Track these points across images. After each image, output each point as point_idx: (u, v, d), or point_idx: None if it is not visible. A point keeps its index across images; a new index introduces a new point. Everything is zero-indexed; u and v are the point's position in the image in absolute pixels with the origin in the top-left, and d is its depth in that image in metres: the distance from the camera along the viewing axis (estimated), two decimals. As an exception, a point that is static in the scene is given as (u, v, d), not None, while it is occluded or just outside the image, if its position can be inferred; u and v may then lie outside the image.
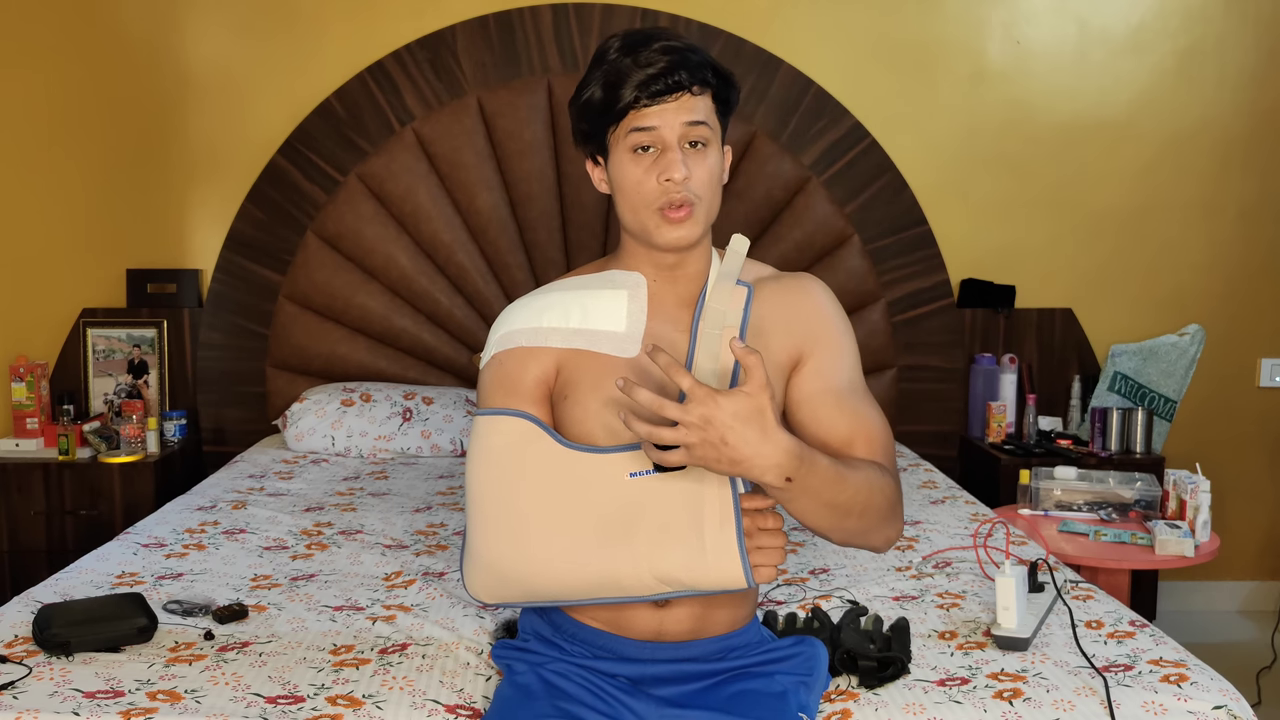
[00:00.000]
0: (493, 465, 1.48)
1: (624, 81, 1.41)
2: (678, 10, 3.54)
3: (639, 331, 1.50)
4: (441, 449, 3.32)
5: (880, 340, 3.59)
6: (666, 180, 1.42)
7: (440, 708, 1.60)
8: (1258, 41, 3.61)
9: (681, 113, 1.42)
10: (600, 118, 1.45)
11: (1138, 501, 2.86)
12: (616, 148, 1.46)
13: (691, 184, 1.43)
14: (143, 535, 2.45)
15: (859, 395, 1.54)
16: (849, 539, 1.46)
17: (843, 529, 1.42)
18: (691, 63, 1.42)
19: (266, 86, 3.56)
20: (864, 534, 1.45)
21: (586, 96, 1.46)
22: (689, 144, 1.44)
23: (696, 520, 1.40)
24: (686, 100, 1.42)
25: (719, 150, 1.48)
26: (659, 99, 1.41)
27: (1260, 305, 3.71)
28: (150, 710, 1.57)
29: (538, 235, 3.58)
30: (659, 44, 1.42)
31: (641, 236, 1.49)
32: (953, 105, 3.63)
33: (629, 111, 1.43)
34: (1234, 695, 1.64)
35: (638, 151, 1.44)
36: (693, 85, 1.42)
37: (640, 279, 1.53)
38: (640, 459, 1.42)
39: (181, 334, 3.58)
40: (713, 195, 1.47)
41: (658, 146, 1.43)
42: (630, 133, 1.43)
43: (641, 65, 1.41)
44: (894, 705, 1.61)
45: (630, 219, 1.48)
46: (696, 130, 1.43)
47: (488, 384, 1.53)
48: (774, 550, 1.40)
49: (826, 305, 1.57)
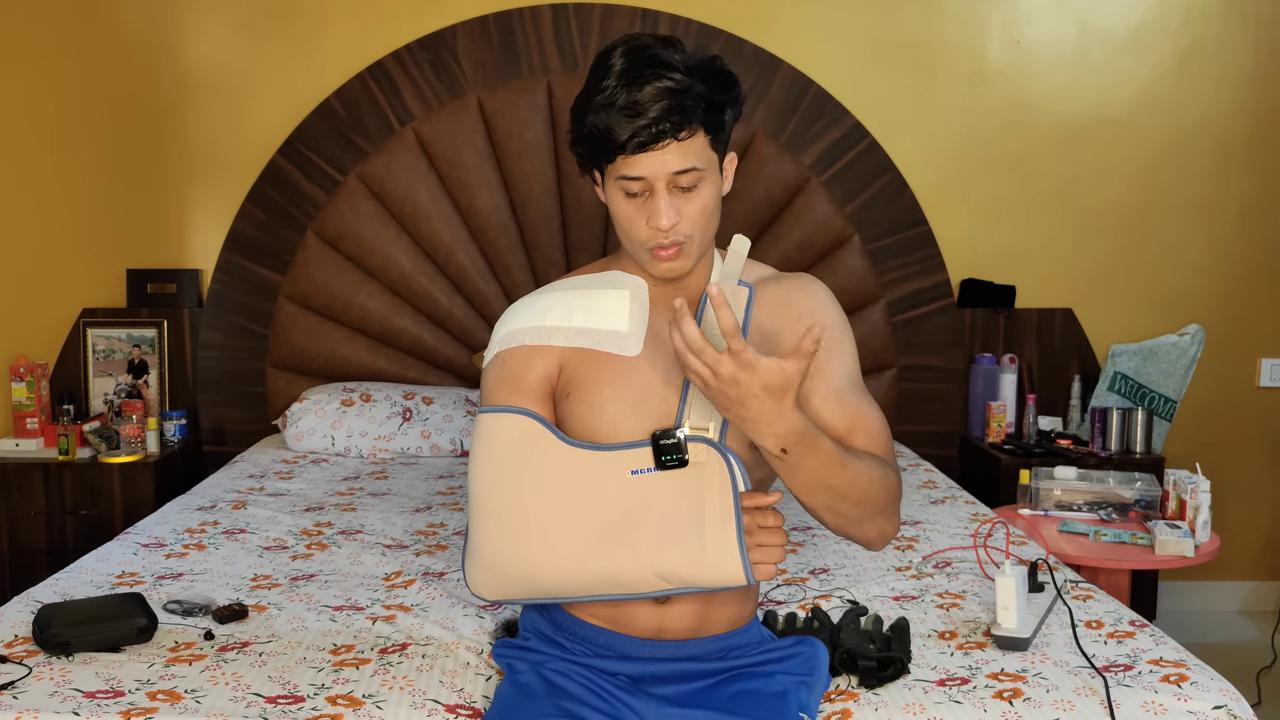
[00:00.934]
0: (495, 462, 1.48)
1: (613, 131, 1.40)
2: (678, 10, 3.54)
3: (641, 331, 1.51)
4: (441, 449, 3.32)
5: (880, 340, 3.59)
6: (654, 226, 1.43)
7: (440, 707, 1.60)
8: (1258, 41, 3.61)
9: (670, 163, 1.41)
10: (593, 153, 1.45)
11: (1138, 501, 2.86)
12: (609, 180, 1.46)
13: (681, 226, 1.44)
14: (143, 535, 2.45)
15: (858, 392, 1.55)
16: (843, 524, 1.46)
17: (836, 511, 1.43)
18: (684, 107, 1.39)
19: (266, 86, 3.57)
20: (858, 522, 1.45)
21: (582, 130, 1.45)
22: (679, 187, 1.43)
23: (697, 517, 1.41)
24: (674, 148, 1.40)
25: (714, 179, 1.47)
26: (647, 149, 1.40)
27: (1260, 305, 3.71)
28: (150, 710, 1.57)
29: (538, 235, 3.58)
30: (652, 87, 1.39)
31: (638, 263, 1.52)
32: (953, 105, 3.63)
33: (618, 157, 1.42)
34: (1234, 695, 1.64)
35: (629, 195, 1.45)
36: (679, 133, 1.40)
37: (641, 283, 1.55)
38: (642, 456, 1.43)
39: (181, 334, 3.58)
40: (705, 229, 1.47)
41: (646, 190, 1.44)
42: (619, 178, 1.43)
43: (632, 115, 1.39)
44: (894, 705, 1.61)
45: (625, 245, 1.51)
46: (686, 177, 1.42)
47: (491, 382, 1.54)
48: (774, 548, 1.42)
49: (826, 304, 1.58)
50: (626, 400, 1.48)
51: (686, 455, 1.42)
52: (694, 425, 1.44)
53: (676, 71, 1.40)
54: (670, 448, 1.42)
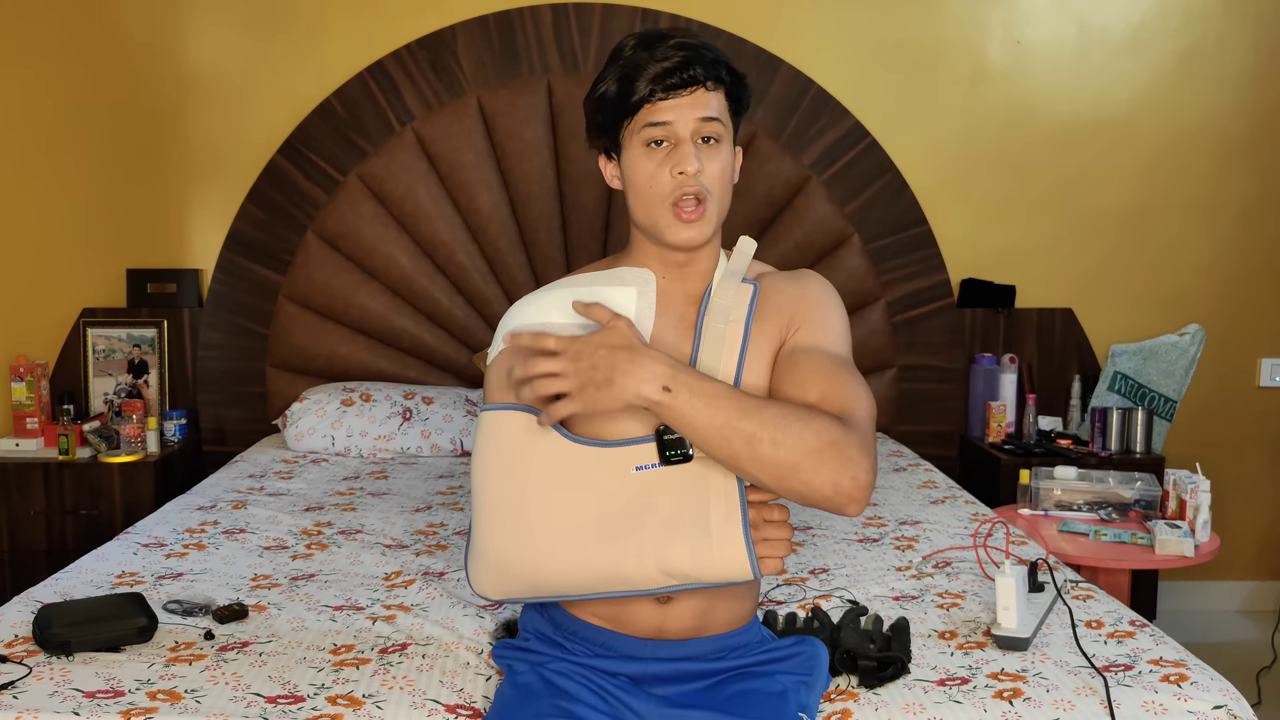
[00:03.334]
0: (499, 459, 1.48)
1: (639, 75, 1.43)
2: (678, 10, 3.54)
3: (648, 327, 1.50)
4: (441, 449, 3.32)
5: (880, 340, 3.59)
6: (680, 173, 1.43)
7: (440, 708, 1.60)
8: (1258, 41, 3.61)
9: (696, 108, 1.43)
10: (615, 111, 1.46)
11: (1138, 501, 2.86)
12: (630, 142, 1.47)
13: (704, 178, 1.45)
14: (143, 535, 2.45)
15: (842, 368, 1.48)
16: (781, 477, 1.35)
17: (756, 458, 1.34)
18: (706, 59, 1.44)
19: (266, 86, 3.57)
20: (793, 470, 1.34)
21: (602, 90, 1.48)
22: (702, 139, 1.45)
23: (703, 512, 1.41)
24: (700, 95, 1.44)
25: (730, 149, 1.49)
26: (674, 93, 1.43)
27: (1260, 305, 3.71)
28: (150, 710, 1.57)
29: (538, 235, 3.58)
30: (675, 41, 1.44)
31: (653, 233, 1.49)
32: (953, 105, 3.63)
33: (643, 105, 1.44)
34: (1234, 695, 1.64)
35: (651, 146, 1.45)
36: (707, 80, 1.44)
37: (650, 275, 1.53)
38: (647, 452, 1.43)
39: (181, 334, 3.58)
40: (724, 192, 1.48)
41: (671, 141, 1.45)
42: (644, 127, 1.45)
43: (657, 60, 1.43)
44: (894, 705, 1.61)
45: (642, 215, 1.49)
46: (709, 126, 1.45)
47: (494, 380, 1.54)
48: (780, 542, 1.42)
49: (821, 291, 1.57)
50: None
51: (691, 450, 1.42)
52: None
53: (693, 40, 1.46)
54: (674, 443, 1.42)
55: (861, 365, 3.58)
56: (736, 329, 1.49)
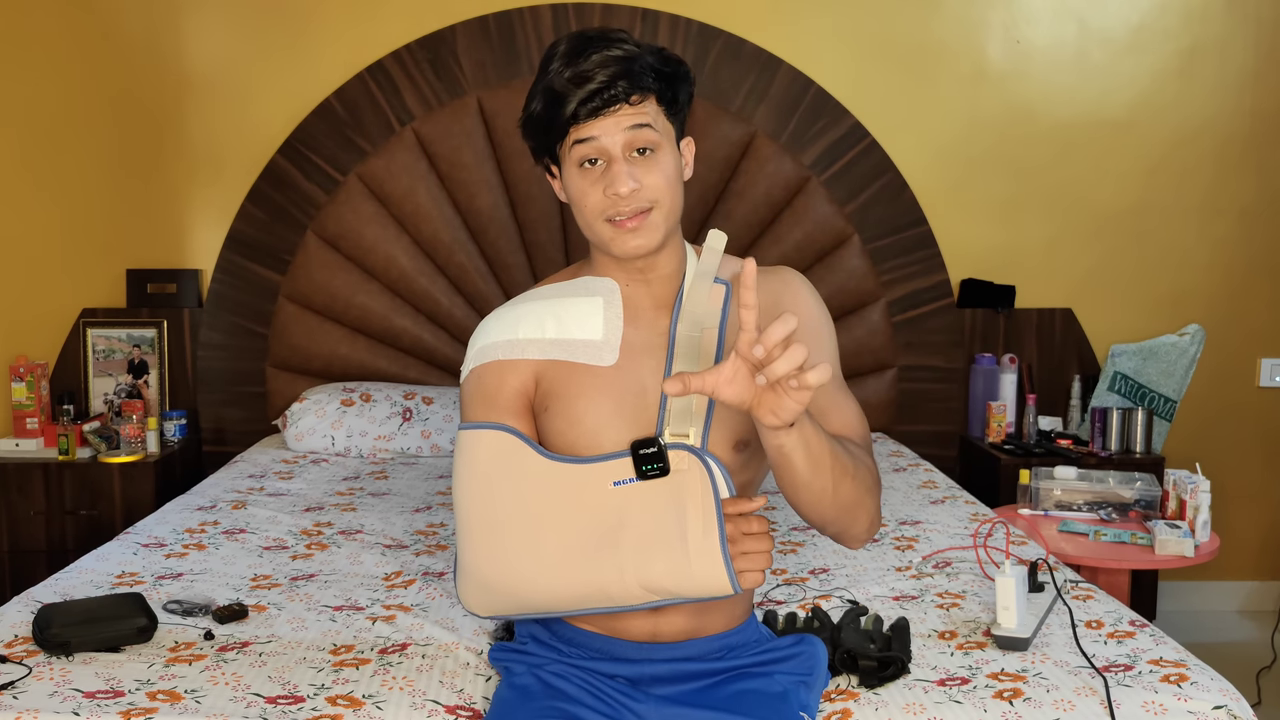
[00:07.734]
0: (476, 479, 1.47)
1: (562, 99, 1.40)
2: (678, 10, 3.54)
3: (616, 339, 1.48)
4: (441, 449, 3.32)
5: (880, 340, 3.59)
6: (613, 194, 1.41)
7: (440, 708, 1.60)
8: (1258, 41, 3.61)
9: (624, 119, 1.40)
10: (545, 134, 1.44)
11: (1138, 501, 2.86)
12: (565, 161, 1.45)
13: (646, 192, 1.41)
14: (143, 535, 2.45)
15: (837, 385, 1.50)
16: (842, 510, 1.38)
17: (837, 496, 1.35)
18: (632, 72, 1.39)
19: (266, 86, 3.57)
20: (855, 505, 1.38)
21: (530, 111, 1.45)
22: (636, 151, 1.41)
23: (680, 527, 1.39)
24: (627, 110, 1.40)
25: (672, 150, 1.45)
26: (597, 115, 1.39)
27: (1260, 305, 3.71)
28: (150, 710, 1.57)
29: (538, 235, 3.58)
30: (597, 55, 1.39)
31: (601, 247, 1.48)
32: (953, 105, 3.63)
33: (570, 127, 1.41)
34: (1234, 695, 1.64)
35: (584, 165, 1.42)
36: (630, 96, 1.39)
37: (613, 285, 1.51)
38: (623, 467, 1.41)
39: (181, 334, 3.58)
40: (672, 197, 1.44)
41: (604, 159, 1.41)
42: (575, 145, 1.42)
43: (578, 82, 1.39)
44: (894, 705, 1.61)
45: (586, 231, 1.47)
46: (641, 135, 1.41)
47: (467, 398, 1.52)
48: (759, 555, 1.39)
49: (807, 298, 1.54)
50: (604, 410, 1.45)
51: (668, 464, 1.40)
52: (674, 432, 1.42)
53: (623, 43, 1.41)
54: (651, 457, 1.39)
55: (861, 365, 3.58)
56: (711, 335, 1.46)
